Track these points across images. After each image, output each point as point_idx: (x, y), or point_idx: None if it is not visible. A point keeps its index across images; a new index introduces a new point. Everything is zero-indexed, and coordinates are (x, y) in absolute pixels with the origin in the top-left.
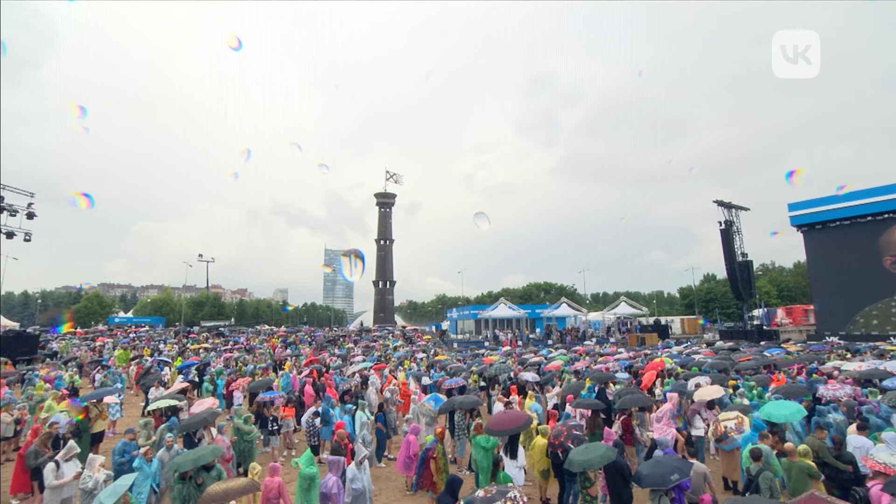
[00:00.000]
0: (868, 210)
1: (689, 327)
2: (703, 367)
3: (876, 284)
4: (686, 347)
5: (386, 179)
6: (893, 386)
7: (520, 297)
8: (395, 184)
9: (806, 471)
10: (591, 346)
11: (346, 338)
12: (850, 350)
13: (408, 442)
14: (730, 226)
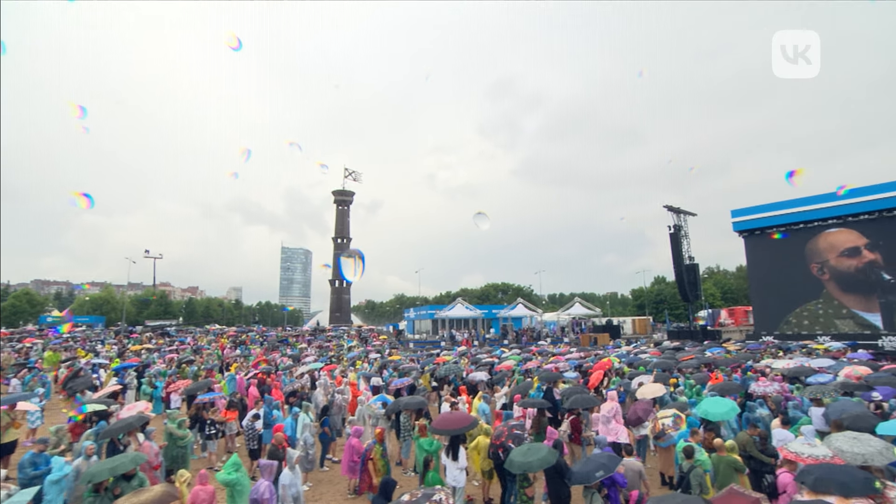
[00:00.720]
0: (800, 218)
1: (639, 327)
2: (648, 367)
3: (807, 287)
4: (635, 347)
5: (344, 177)
6: (816, 382)
7: (478, 297)
8: (353, 182)
9: (732, 465)
10: (544, 345)
11: (299, 338)
12: (782, 349)
13: (351, 445)
14: (678, 230)
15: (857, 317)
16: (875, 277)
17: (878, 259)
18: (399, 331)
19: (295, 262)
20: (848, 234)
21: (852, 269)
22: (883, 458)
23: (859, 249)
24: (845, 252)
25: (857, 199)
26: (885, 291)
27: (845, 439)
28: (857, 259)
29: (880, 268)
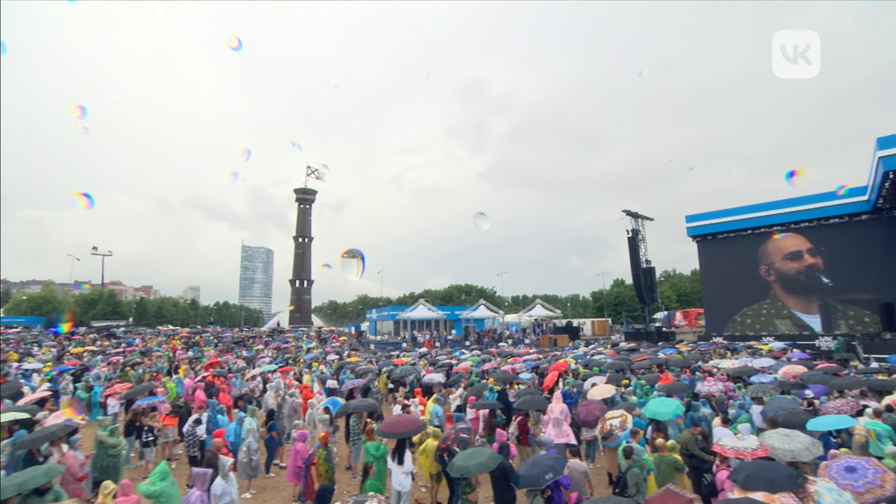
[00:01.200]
0: (749, 224)
1: (598, 329)
2: (603, 367)
3: (754, 290)
4: (592, 348)
5: (307, 175)
6: (757, 381)
7: (441, 298)
8: (316, 180)
9: (672, 464)
10: (504, 347)
11: (256, 339)
12: (730, 349)
13: (296, 450)
14: (636, 234)
15: (794, 317)
16: (815, 281)
17: (818, 263)
18: (360, 332)
19: (256, 261)
20: (793, 239)
21: (794, 273)
22: (809, 454)
23: (801, 253)
24: (789, 256)
25: (801, 207)
26: (824, 294)
27: (777, 436)
28: (800, 263)
29: (820, 272)
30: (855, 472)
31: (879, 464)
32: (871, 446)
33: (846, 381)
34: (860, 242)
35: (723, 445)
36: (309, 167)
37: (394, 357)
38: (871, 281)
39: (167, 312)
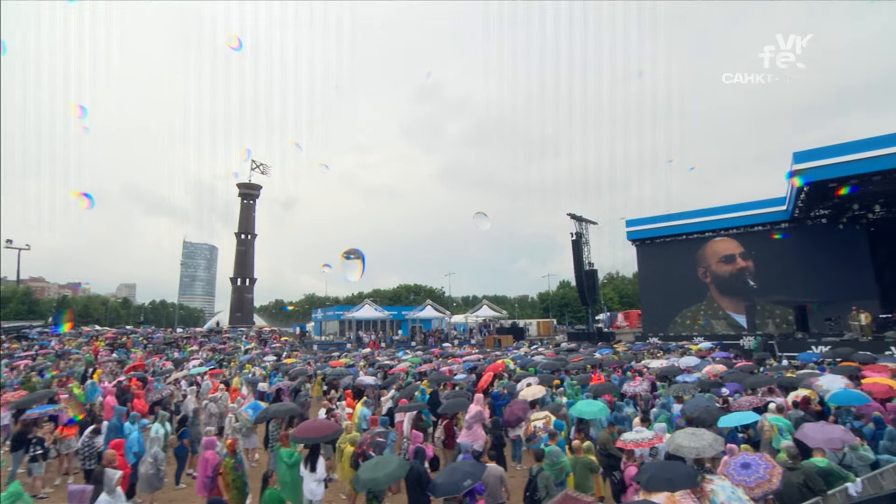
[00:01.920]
0: (685, 230)
1: (543, 329)
2: (538, 368)
3: (691, 292)
4: (534, 349)
5: (251, 169)
6: (681, 380)
7: (389, 298)
8: (262, 175)
9: (587, 465)
10: (449, 347)
11: (190, 340)
12: (663, 349)
13: (205, 459)
14: (580, 237)
15: (728, 318)
16: (745, 283)
17: (749, 266)
18: (304, 332)
19: (198, 258)
20: (726, 244)
21: (728, 275)
22: (712, 450)
23: (734, 257)
24: (723, 259)
25: (731, 215)
26: (751, 296)
27: (685, 435)
28: (732, 266)
29: (750, 275)
30: (749, 468)
31: (771, 459)
32: (774, 441)
33: (758, 379)
34: (781, 249)
35: (623, 440)
36: (254, 161)
37: (331, 358)
38: (791, 284)
39: (94, 311)
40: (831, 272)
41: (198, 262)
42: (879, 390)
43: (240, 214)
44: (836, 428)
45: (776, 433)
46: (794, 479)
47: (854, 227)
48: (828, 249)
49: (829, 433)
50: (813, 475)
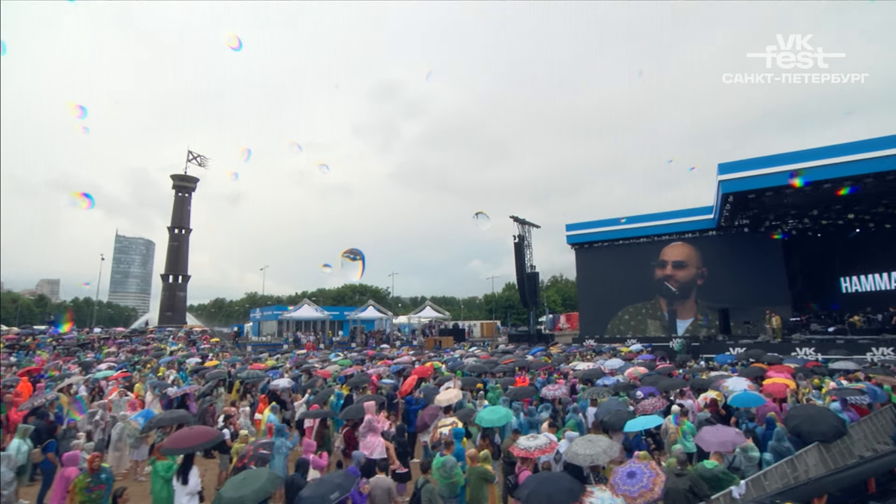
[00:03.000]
0: (621, 234)
1: (487, 331)
2: (465, 370)
3: (626, 295)
4: (471, 351)
5: (188, 160)
6: (602, 383)
7: (333, 298)
8: (199, 167)
9: (482, 476)
10: (386, 349)
11: (109, 340)
12: (596, 351)
13: (63, 477)
14: (522, 240)
15: (660, 320)
16: (677, 287)
17: (679, 272)
18: (237, 332)
19: (133, 253)
20: (659, 249)
21: (661, 279)
22: (606, 456)
23: (666, 263)
24: (657, 264)
25: (664, 222)
26: (673, 300)
27: (581, 443)
28: (664, 270)
29: (681, 280)
30: (634, 476)
31: (656, 467)
32: (679, 444)
33: (671, 382)
34: (709, 255)
35: (517, 446)
36: (191, 153)
37: (258, 360)
38: (716, 288)
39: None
40: (751, 278)
41: (132, 257)
42: (777, 391)
43: (173, 208)
44: (729, 431)
45: (680, 436)
46: (680, 486)
47: (771, 237)
48: (749, 257)
49: (722, 436)
50: (698, 480)
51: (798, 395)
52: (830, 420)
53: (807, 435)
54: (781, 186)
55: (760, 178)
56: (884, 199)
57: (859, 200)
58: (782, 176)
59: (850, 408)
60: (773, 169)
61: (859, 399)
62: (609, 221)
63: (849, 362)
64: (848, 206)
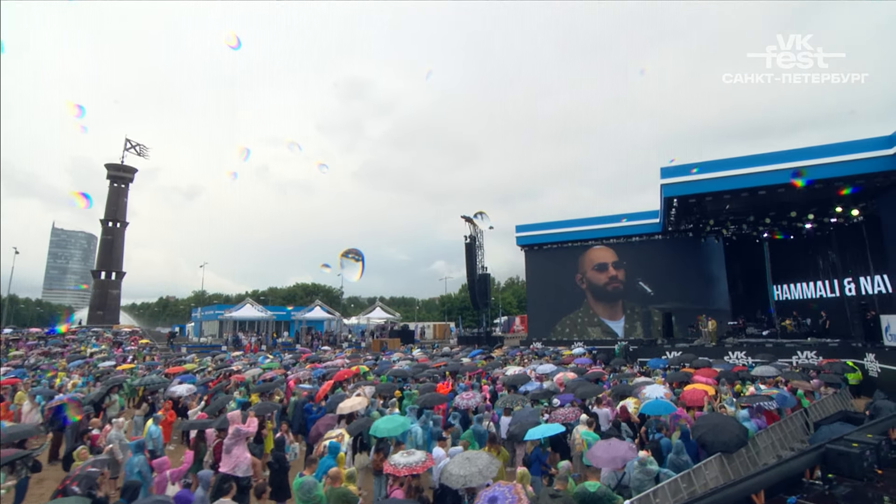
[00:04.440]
0: (569, 237)
1: (439, 333)
2: (388, 374)
3: (572, 298)
4: (413, 353)
5: (125, 149)
6: (525, 389)
7: (283, 297)
8: (137, 156)
9: (342, 497)
10: (327, 351)
11: (20, 342)
12: (538, 354)
13: None
14: (473, 241)
15: (603, 324)
16: (618, 291)
17: (620, 275)
18: (173, 333)
19: (72, 247)
20: (604, 252)
21: (602, 283)
22: (481, 478)
23: (607, 266)
24: (597, 267)
25: (611, 225)
26: (629, 303)
27: (458, 461)
28: (605, 274)
29: (621, 283)
30: (496, 502)
31: (521, 491)
32: (583, 456)
33: (587, 389)
34: (655, 259)
35: (389, 462)
36: (129, 141)
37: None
38: (666, 292)
39: None
40: (695, 282)
41: (71, 251)
42: (694, 398)
43: (107, 199)
44: (621, 446)
45: (585, 447)
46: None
47: (713, 242)
48: (693, 261)
49: (613, 452)
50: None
51: (714, 402)
52: (733, 429)
53: (710, 445)
54: (721, 192)
55: (700, 182)
56: (813, 207)
57: (794, 207)
58: (721, 181)
59: (761, 414)
60: (713, 174)
61: (768, 405)
62: (558, 223)
63: (770, 367)
64: (781, 214)
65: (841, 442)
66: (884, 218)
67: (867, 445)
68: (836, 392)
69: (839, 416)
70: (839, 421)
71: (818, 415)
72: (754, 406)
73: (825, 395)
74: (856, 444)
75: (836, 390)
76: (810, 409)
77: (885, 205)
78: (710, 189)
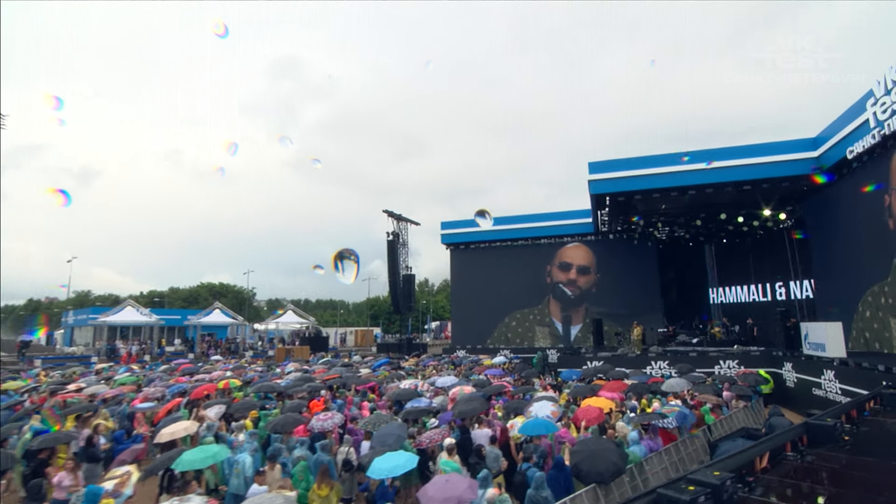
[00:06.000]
0: (499, 236)
1: (361, 339)
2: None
3: (501, 303)
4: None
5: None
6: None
7: (183, 299)
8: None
9: None
10: (219, 361)
11: None
12: (455, 363)
13: None
14: (396, 238)
15: (553, 326)
16: (560, 293)
17: (562, 276)
18: (25, 343)
19: None
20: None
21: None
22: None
23: (542, 267)
24: (529, 267)
25: (545, 224)
26: (567, 306)
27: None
28: (539, 275)
29: (563, 283)
30: None
31: None
32: None
33: (465, 408)
34: (585, 261)
35: None
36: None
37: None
38: (593, 296)
39: None
40: (628, 287)
41: None
42: (589, 416)
43: None
44: (460, 483)
45: None
46: None
47: (646, 244)
48: (625, 264)
49: (450, 491)
50: None
51: (612, 420)
52: (611, 456)
53: (584, 475)
54: (649, 190)
55: (628, 180)
56: (743, 210)
57: (723, 209)
58: (649, 179)
59: (656, 435)
60: (641, 171)
61: (664, 423)
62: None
63: (681, 380)
64: (711, 216)
65: (674, 486)
66: (808, 222)
67: (702, 490)
68: (746, 406)
69: (740, 433)
70: (741, 437)
71: (723, 432)
72: (651, 425)
73: (735, 409)
74: (692, 488)
75: (746, 403)
76: (715, 426)
77: (809, 210)
78: (639, 187)
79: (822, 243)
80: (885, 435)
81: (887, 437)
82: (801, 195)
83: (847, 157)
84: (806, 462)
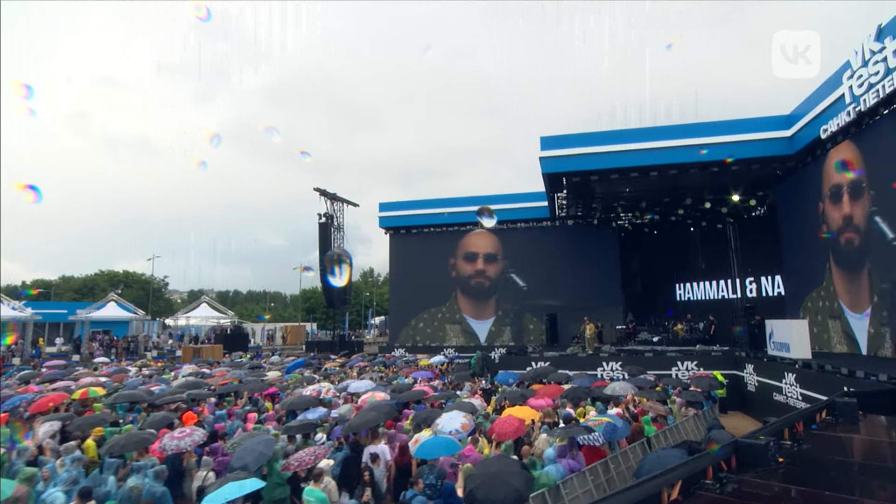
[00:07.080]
0: (442, 220)
1: (292, 336)
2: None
3: (438, 293)
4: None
5: None
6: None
7: (76, 290)
8: None
9: None
10: (105, 363)
11: None
12: (386, 364)
13: None
14: (330, 220)
15: (465, 324)
16: (489, 285)
17: (490, 269)
18: None
19: None
20: (481, 239)
21: (469, 276)
22: None
23: (482, 255)
24: (467, 256)
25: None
26: (505, 301)
27: None
28: (478, 265)
29: (488, 278)
30: None
31: None
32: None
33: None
34: (541, 250)
35: None
36: None
37: None
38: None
39: None
40: (585, 277)
41: None
42: (506, 430)
43: None
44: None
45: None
46: None
47: (608, 231)
48: (584, 253)
49: None
50: None
51: (534, 434)
52: (513, 481)
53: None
54: (607, 170)
55: (583, 158)
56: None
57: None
58: (606, 158)
59: (578, 451)
60: (597, 148)
61: (587, 440)
62: (428, 203)
63: (625, 384)
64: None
65: None
66: (780, 210)
67: None
68: (697, 414)
69: (683, 446)
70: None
71: (664, 444)
72: (571, 439)
73: (685, 418)
74: None
75: (697, 412)
76: (656, 439)
77: (781, 196)
78: (594, 166)
79: (791, 234)
80: (827, 455)
81: (828, 458)
82: (774, 179)
83: (821, 136)
84: (725, 493)
